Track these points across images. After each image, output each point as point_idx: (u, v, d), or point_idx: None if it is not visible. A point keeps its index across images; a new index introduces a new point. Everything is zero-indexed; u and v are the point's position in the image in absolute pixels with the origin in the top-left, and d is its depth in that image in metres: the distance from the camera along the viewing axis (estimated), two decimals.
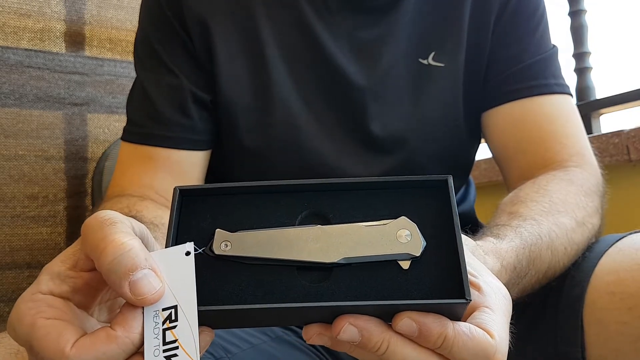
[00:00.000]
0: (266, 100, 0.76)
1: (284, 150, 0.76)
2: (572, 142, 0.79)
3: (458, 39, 0.79)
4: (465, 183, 0.91)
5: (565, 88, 0.82)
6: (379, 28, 0.78)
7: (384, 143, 0.78)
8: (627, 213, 1.22)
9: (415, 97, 0.78)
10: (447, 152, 0.80)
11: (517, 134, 0.80)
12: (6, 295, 1.12)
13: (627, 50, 1.68)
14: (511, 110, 0.80)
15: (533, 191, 0.69)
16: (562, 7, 1.57)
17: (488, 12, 0.80)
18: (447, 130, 0.80)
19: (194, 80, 0.77)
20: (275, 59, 0.77)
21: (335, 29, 0.78)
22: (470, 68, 0.80)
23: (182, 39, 0.77)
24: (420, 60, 0.79)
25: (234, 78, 0.77)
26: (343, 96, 0.77)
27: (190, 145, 0.78)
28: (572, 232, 0.64)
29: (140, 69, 0.82)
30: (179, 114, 0.77)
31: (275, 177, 0.75)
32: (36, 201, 1.16)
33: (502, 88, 0.81)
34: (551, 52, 0.83)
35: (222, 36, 0.76)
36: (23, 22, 1.18)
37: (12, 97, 1.15)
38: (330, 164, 0.76)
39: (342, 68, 0.77)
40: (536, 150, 0.78)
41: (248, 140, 0.77)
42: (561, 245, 0.62)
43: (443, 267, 0.39)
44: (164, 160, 0.77)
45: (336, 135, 0.77)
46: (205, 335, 0.38)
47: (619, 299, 0.57)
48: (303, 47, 0.77)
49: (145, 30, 0.81)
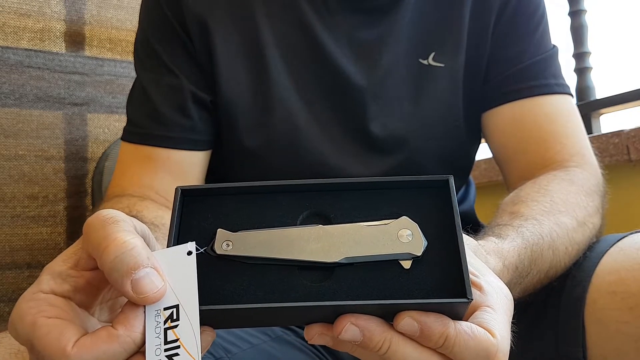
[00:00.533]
0: (266, 100, 0.76)
1: (283, 150, 0.76)
2: (573, 142, 0.79)
3: (458, 39, 0.79)
4: (466, 183, 0.91)
5: (565, 88, 0.82)
6: (379, 28, 0.78)
7: (383, 143, 0.78)
8: (627, 213, 1.22)
9: (415, 97, 0.78)
10: (447, 152, 0.80)
11: (517, 134, 0.80)
12: (6, 295, 1.12)
13: (627, 50, 1.68)
14: (511, 111, 0.80)
15: (534, 191, 0.69)
16: (562, 7, 1.57)
17: (488, 12, 0.80)
18: (447, 131, 0.80)
19: (194, 81, 0.77)
20: (275, 59, 0.76)
21: (335, 29, 0.77)
22: (470, 68, 0.80)
23: (182, 39, 0.77)
24: (420, 61, 0.79)
25: (234, 78, 0.76)
26: (343, 96, 0.77)
27: (190, 146, 0.78)
28: (573, 231, 0.64)
29: (140, 69, 0.82)
30: (179, 114, 0.77)
31: (275, 177, 0.76)
32: (36, 201, 1.16)
33: (502, 88, 0.81)
34: (551, 52, 0.83)
35: (222, 36, 0.76)
36: (23, 22, 1.18)
37: (12, 97, 1.15)
38: (330, 163, 0.76)
39: (342, 68, 0.76)
40: (536, 150, 0.78)
41: (248, 140, 0.77)
42: (562, 245, 0.62)
43: (444, 266, 0.39)
44: (164, 161, 0.77)
45: (336, 135, 0.77)
46: (206, 335, 0.38)
47: (620, 298, 0.57)
48: (303, 47, 0.77)
49: (145, 30, 0.81)
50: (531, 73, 0.80)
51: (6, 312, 1.12)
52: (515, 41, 0.81)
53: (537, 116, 0.79)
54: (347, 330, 0.37)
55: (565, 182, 0.72)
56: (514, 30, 0.81)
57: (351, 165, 0.77)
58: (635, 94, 1.37)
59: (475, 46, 0.80)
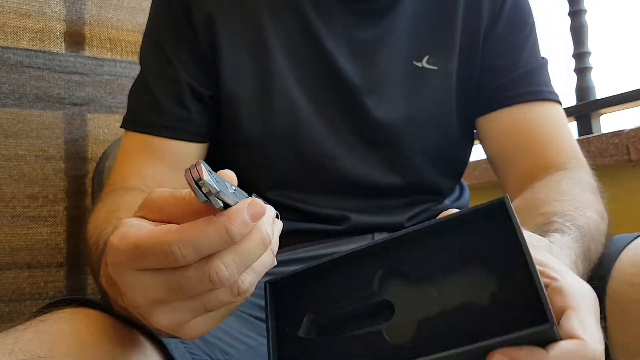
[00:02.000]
0: (267, 90, 0.78)
1: (283, 139, 0.78)
2: (568, 146, 0.81)
3: (451, 44, 0.82)
4: (459, 185, 0.92)
5: (556, 96, 0.85)
6: (376, 29, 0.80)
7: (378, 138, 0.80)
8: (627, 213, 1.22)
9: (408, 95, 0.81)
10: (439, 151, 0.83)
11: (514, 138, 0.82)
12: (6, 295, 1.12)
13: (627, 50, 1.68)
14: (507, 116, 0.83)
15: (551, 192, 0.70)
16: (562, 7, 1.57)
17: (478, 22, 0.83)
18: (440, 130, 0.82)
19: (194, 75, 0.79)
20: (277, 53, 0.79)
21: (334, 29, 0.80)
22: (463, 73, 0.83)
23: (187, 33, 0.79)
24: (414, 63, 0.81)
25: (237, 69, 0.79)
26: (341, 92, 0.79)
27: (188, 137, 0.80)
28: (598, 223, 0.65)
29: (143, 59, 0.84)
30: (177, 106, 0.79)
31: (276, 166, 0.77)
32: (36, 201, 1.16)
33: (497, 95, 0.83)
34: (542, 62, 0.86)
35: (227, 30, 0.79)
36: (23, 22, 1.18)
37: (12, 97, 1.15)
38: (328, 154, 0.78)
39: (340, 66, 0.79)
40: (534, 154, 0.80)
41: (249, 129, 0.78)
42: (597, 234, 0.63)
43: (521, 295, 0.39)
44: (161, 150, 0.79)
45: (334, 127, 0.79)
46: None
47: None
48: (303, 43, 0.80)
49: (152, 23, 0.84)
50: (525, 81, 0.83)
51: (6, 312, 1.12)
52: (507, 51, 0.84)
53: (533, 121, 0.82)
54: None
55: (572, 182, 0.73)
56: (506, 41, 0.84)
57: (348, 158, 0.79)
58: (635, 94, 1.37)
59: (468, 52, 0.83)
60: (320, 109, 0.79)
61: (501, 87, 0.83)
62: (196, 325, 0.42)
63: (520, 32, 0.85)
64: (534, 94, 0.82)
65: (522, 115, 0.82)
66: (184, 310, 0.41)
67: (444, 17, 0.82)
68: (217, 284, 0.38)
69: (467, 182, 0.98)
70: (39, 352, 0.45)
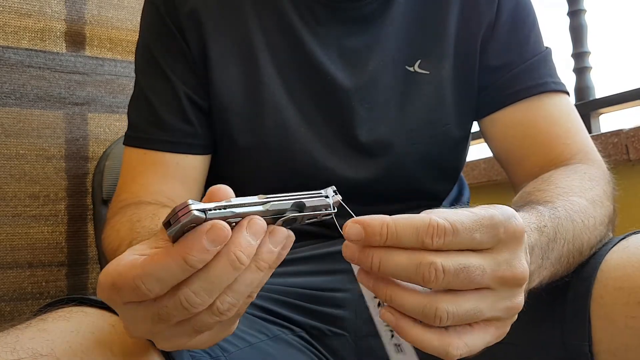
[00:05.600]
0: (257, 103, 0.78)
1: (274, 150, 0.78)
2: (575, 142, 0.79)
3: (443, 48, 0.81)
4: (458, 184, 0.91)
5: (562, 86, 0.82)
6: (367, 36, 0.80)
7: (370, 147, 0.79)
8: (627, 213, 1.22)
9: (401, 102, 0.80)
10: (434, 156, 0.81)
11: (519, 138, 0.81)
12: (7, 295, 1.12)
13: (627, 50, 1.68)
14: (512, 114, 0.81)
15: (537, 184, 0.70)
16: (562, 7, 1.57)
17: (476, 24, 0.81)
18: (434, 135, 0.81)
19: (191, 87, 0.79)
20: (266, 63, 0.78)
21: (323, 38, 0.79)
22: (460, 76, 0.81)
23: (179, 44, 0.79)
24: (407, 68, 0.80)
25: (227, 80, 0.78)
26: (331, 101, 0.79)
27: (194, 150, 0.80)
28: (585, 207, 0.64)
29: (140, 74, 0.83)
30: (179, 120, 0.79)
31: (267, 176, 0.77)
32: (37, 200, 1.17)
33: (500, 93, 0.82)
34: (545, 52, 0.84)
35: (216, 40, 0.78)
36: (24, 22, 1.18)
37: (13, 97, 1.16)
38: (319, 164, 0.77)
39: (330, 74, 0.78)
40: (540, 154, 0.79)
41: (240, 139, 0.78)
42: (579, 217, 0.62)
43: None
44: (169, 166, 0.78)
45: (324, 137, 0.79)
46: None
47: (627, 293, 0.57)
48: (292, 52, 0.79)
49: (144, 36, 0.83)
50: (527, 74, 0.81)
51: (7, 311, 1.12)
52: (509, 50, 0.82)
53: (538, 118, 0.80)
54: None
55: (567, 172, 0.73)
56: (509, 40, 0.82)
57: (339, 167, 0.78)
58: (634, 93, 1.37)
59: (464, 55, 0.81)
60: (310, 119, 0.78)
61: (502, 86, 0.81)
62: (203, 340, 0.43)
63: (520, 32, 0.83)
64: (535, 88, 0.80)
65: (525, 112, 0.80)
66: (178, 335, 0.41)
67: (435, 22, 0.81)
68: (192, 310, 0.39)
69: (467, 182, 0.98)
70: (40, 350, 0.45)
